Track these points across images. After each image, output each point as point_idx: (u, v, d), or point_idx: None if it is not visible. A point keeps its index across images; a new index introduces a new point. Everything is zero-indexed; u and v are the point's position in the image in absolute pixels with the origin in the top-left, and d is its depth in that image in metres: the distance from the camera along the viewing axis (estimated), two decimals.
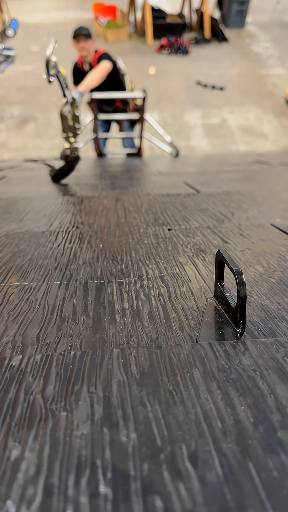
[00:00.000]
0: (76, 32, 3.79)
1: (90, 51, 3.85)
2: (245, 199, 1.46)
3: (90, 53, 3.87)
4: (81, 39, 3.76)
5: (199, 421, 0.36)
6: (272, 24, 10.39)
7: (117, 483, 0.30)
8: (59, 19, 10.41)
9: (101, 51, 3.93)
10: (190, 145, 6.04)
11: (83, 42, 3.78)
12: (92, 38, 3.81)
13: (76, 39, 3.80)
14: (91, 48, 3.85)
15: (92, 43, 3.82)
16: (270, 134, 6.39)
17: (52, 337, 0.55)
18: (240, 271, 0.52)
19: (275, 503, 0.28)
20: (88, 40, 3.79)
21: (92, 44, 3.84)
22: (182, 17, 10.07)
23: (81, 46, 3.79)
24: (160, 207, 1.34)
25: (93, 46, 3.86)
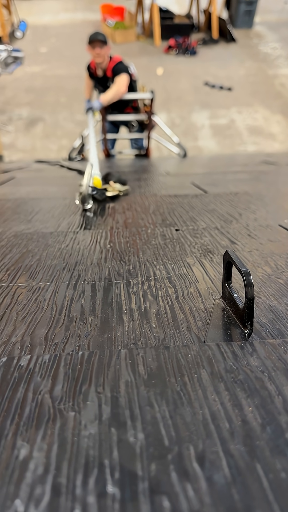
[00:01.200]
0: (92, 38, 3.71)
1: (105, 57, 3.79)
2: (253, 199, 1.45)
3: (105, 60, 3.81)
4: (96, 45, 3.69)
5: (207, 422, 0.36)
6: (280, 24, 10.34)
7: (125, 483, 0.30)
8: (67, 20, 10.46)
9: (116, 59, 3.87)
10: (197, 145, 6.03)
11: (99, 49, 3.70)
12: (107, 45, 3.76)
13: (91, 45, 3.73)
14: (106, 54, 3.79)
15: (107, 50, 3.77)
16: (278, 135, 6.36)
17: (60, 337, 0.55)
18: (248, 272, 0.52)
19: (283, 504, 0.28)
20: (104, 47, 3.72)
21: (108, 50, 3.78)
22: (190, 17, 10.06)
23: (97, 52, 3.73)
24: (167, 207, 1.34)
25: (108, 53, 3.81)
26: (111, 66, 3.84)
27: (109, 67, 3.85)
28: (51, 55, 8.62)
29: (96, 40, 3.67)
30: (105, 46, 3.71)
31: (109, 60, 3.85)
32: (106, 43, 3.71)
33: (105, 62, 3.83)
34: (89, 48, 3.76)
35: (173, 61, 8.50)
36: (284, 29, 10.04)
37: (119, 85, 3.73)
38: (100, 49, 3.69)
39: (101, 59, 3.77)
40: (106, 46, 3.72)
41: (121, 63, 3.87)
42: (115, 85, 3.74)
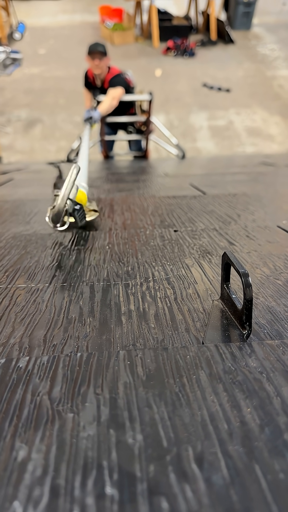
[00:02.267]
0: (92, 49, 3.68)
1: (103, 69, 3.78)
2: (252, 201, 1.45)
3: (103, 71, 3.80)
4: (96, 57, 3.66)
5: (205, 423, 0.36)
6: (279, 25, 10.37)
7: (123, 484, 0.30)
8: (65, 22, 10.47)
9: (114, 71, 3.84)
10: (196, 147, 6.04)
11: (98, 60, 3.67)
12: (107, 56, 3.74)
13: (91, 56, 3.70)
14: (105, 66, 3.78)
15: (106, 61, 3.74)
16: (276, 136, 6.37)
17: (59, 339, 0.55)
18: (246, 273, 0.52)
19: (281, 505, 0.28)
20: (103, 58, 3.68)
21: (107, 61, 3.75)
22: (188, 19, 10.08)
23: (96, 64, 3.70)
24: (166, 209, 1.34)
25: (107, 64, 3.79)
26: (109, 78, 3.82)
27: (107, 79, 3.84)
28: (50, 56, 8.63)
29: (96, 52, 3.65)
30: (104, 57, 3.69)
31: (107, 72, 3.84)
32: (105, 55, 3.69)
33: (104, 74, 3.82)
34: (88, 59, 3.74)
35: (172, 62, 8.51)
36: (282, 30, 10.06)
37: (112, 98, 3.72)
38: (99, 61, 3.67)
39: (100, 71, 3.75)
40: (105, 57, 3.70)
41: (119, 75, 3.85)
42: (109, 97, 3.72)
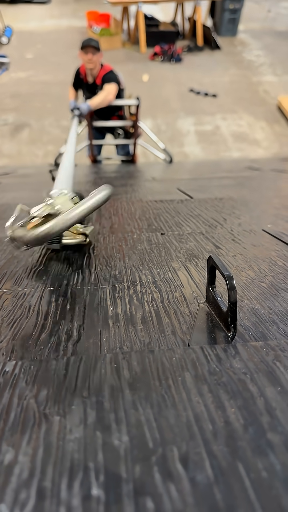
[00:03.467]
0: (85, 44, 3.69)
1: (96, 64, 3.79)
2: (238, 205, 1.47)
3: (96, 66, 3.81)
4: (89, 51, 3.68)
5: (191, 424, 0.36)
6: (264, 32, 10.51)
7: (109, 485, 0.30)
8: (53, 26, 10.47)
9: (107, 68, 3.87)
10: (183, 151, 6.08)
11: (91, 55, 3.69)
12: (100, 52, 3.76)
13: (84, 50, 3.72)
14: (98, 61, 3.79)
15: (100, 57, 3.76)
16: (262, 141, 6.44)
17: (46, 343, 0.55)
18: (231, 276, 0.52)
19: (264, 503, 0.29)
20: (97, 53, 3.70)
21: (100, 57, 3.77)
22: (175, 25, 10.16)
23: (89, 58, 3.72)
24: (153, 213, 1.35)
25: (100, 60, 3.80)
26: (102, 74, 3.84)
27: (100, 75, 3.85)
28: (37, 61, 8.61)
29: (89, 46, 3.67)
30: (97, 52, 3.71)
31: (100, 68, 3.85)
32: (99, 50, 3.71)
33: (96, 69, 3.83)
34: (81, 54, 3.75)
35: (159, 67, 8.57)
36: (267, 37, 10.20)
37: (108, 92, 3.74)
38: (92, 55, 3.69)
39: (93, 65, 3.77)
40: (98, 52, 3.72)
41: (112, 72, 3.88)
42: (104, 92, 3.75)
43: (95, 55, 3.70)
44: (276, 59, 9.00)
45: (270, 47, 9.61)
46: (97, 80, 3.88)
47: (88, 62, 3.74)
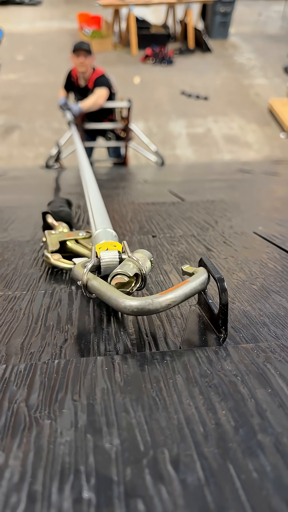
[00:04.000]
0: (77, 47, 3.69)
1: (88, 67, 3.78)
2: (229, 207, 1.48)
3: (88, 70, 3.80)
4: (81, 54, 3.67)
5: (182, 426, 0.37)
6: (254, 35, 10.59)
7: (100, 488, 0.30)
8: (44, 28, 10.46)
9: (99, 72, 3.87)
10: (175, 154, 6.10)
11: (83, 58, 3.68)
12: (92, 55, 3.75)
13: (75, 54, 3.70)
14: (90, 64, 3.78)
15: (91, 60, 3.75)
16: (253, 144, 6.48)
17: (36, 346, 0.55)
18: (222, 278, 0.53)
19: (254, 503, 0.29)
20: (88, 56, 3.69)
21: (92, 60, 3.76)
22: (166, 27, 10.20)
23: (81, 61, 3.70)
24: (145, 215, 1.35)
25: (92, 63, 3.79)
26: (94, 77, 3.83)
27: (92, 78, 3.84)
28: (28, 63, 8.60)
29: (81, 49, 3.66)
30: (89, 56, 3.70)
31: (92, 71, 3.85)
32: (90, 53, 3.71)
33: (88, 73, 3.82)
34: (73, 57, 3.74)
35: (150, 70, 8.59)
36: (258, 40, 10.28)
37: (98, 96, 3.75)
38: (84, 58, 3.68)
39: (85, 69, 3.76)
40: (90, 56, 3.71)
41: (104, 76, 3.88)
42: (95, 95, 3.75)
43: (87, 59, 3.70)
44: (267, 62, 9.07)
45: (261, 50, 9.69)
46: (89, 84, 3.88)
47: (80, 66, 3.74)
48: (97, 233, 0.76)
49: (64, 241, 0.84)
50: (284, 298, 0.69)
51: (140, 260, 0.61)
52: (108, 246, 0.67)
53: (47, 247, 0.82)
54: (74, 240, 0.85)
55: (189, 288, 0.53)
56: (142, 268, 0.60)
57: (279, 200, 1.78)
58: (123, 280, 0.59)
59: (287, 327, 0.59)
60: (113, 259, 0.63)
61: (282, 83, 7.90)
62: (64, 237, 0.85)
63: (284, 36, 10.46)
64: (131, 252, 0.64)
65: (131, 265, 0.61)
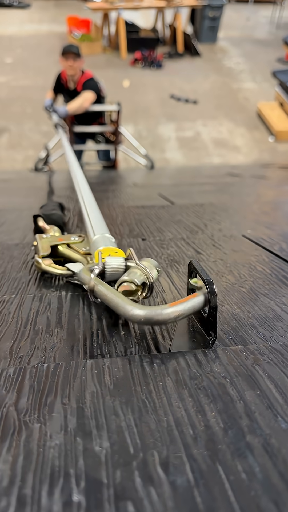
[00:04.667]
0: (66, 50, 3.69)
1: (77, 70, 3.79)
2: (218, 210, 1.49)
3: (77, 73, 3.81)
4: (70, 57, 3.67)
5: (171, 428, 0.37)
6: (243, 40, 10.68)
7: (90, 491, 0.30)
8: (33, 31, 10.44)
9: (88, 75, 3.88)
10: (165, 157, 6.11)
11: (72, 61, 3.69)
12: (81, 58, 3.76)
13: (64, 56, 3.71)
14: (79, 67, 3.79)
15: (80, 63, 3.76)
16: (242, 147, 6.53)
17: (26, 350, 0.55)
18: (211, 281, 0.53)
19: (243, 504, 0.29)
20: (77, 59, 3.70)
21: (81, 63, 3.77)
22: (155, 31, 10.25)
23: (69, 64, 3.71)
24: (135, 218, 1.36)
25: (81, 66, 3.80)
26: (83, 80, 3.85)
27: (80, 81, 3.85)
28: (17, 65, 8.57)
29: (70, 52, 3.67)
30: (78, 59, 3.71)
31: (81, 74, 3.86)
32: (79, 56, 3.72)
33: (77, 76, 3.83)
34: (62, 60, 3.75)
35: (139, 73, 8.62)
36: (246, 44, 10.37)
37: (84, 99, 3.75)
38: (73, 61, 3.69)
39: (74, 72, 3.77)
40: (79, 59, 3.72)
41: (92, 79, 3.89)
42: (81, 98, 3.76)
43: (76, 61, 3.71)
44: (256, 66, 9.16)
45: (249, 54, 9.77)
46: (77, 87, 3.88)
47: (69, 69, 3.75)
48: (96, 238, 0.75)
49: (56, 246, 0.83)
50: (272, 301, 0.69)
51: (148, 268, 0.60)
52: (111, 252, 0.66)
53: (38, 252, 0.81)
54: (66, 245, 0.84)
55: (198, 302, 0.53)
56: (149, 276, 0.59)
57: (268, 204, 1.80)
58: (130, 288, 0.59)
59: (275, 329, 0.59)
60: (120, 266, 0.62)
61: (271, 87, 7.97)
62: (56, 241, 0.84)
63: (272, 40, 10.57)
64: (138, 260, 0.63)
65: (139, 273, 0.60)
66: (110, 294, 0.54)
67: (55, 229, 0.92)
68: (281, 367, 0.46)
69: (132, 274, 0.60)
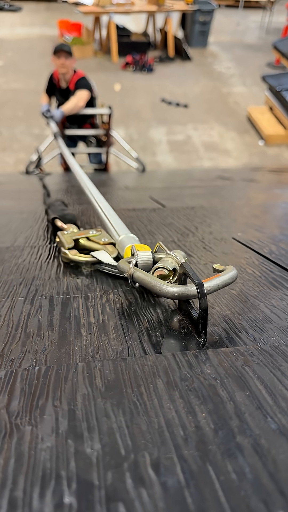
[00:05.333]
0: (58, 48, 3.75)
1: (69, 69, 3.84)
2: (209, 213, 1.50)
3: (69, 71, 3.86)
4: (61, 56, 3.74)
5: (162, 430, 0.37)
6: (233, 44, 10.77)
7: (82, 493, 0.31)
8: (24, 35, 10.43)
9: (80, 74, 3.93)
10: (156, 160, 6.13)
11: (64, 59, 3.75)
12: (73, 57, 3.81)
13: (56, 55, 3.77)
14: (71, 66, 3.84)
15: (72, 62, 3.81)
16: (232, 151, 6.57)
17: (17, 353, 0.55)
18: (201, 284, 0.54)
19: (233, 504, 0.30)
20: (69, 58, 3.77)
21: (72, 62, 3.83)
22: (146, 35, 10.30)
23: (61, 62, 3.76)
24: (126, 221, 1.36)
25: (73, 65, 3.85)
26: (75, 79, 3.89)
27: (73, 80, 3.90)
28: (8, 68, 8.55)
29: (62, 51, 3.73)
30: (70, 57, 3.77)
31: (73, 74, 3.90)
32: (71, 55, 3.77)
33: (69, 74, 3.88)
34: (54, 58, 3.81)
35: (131, 77, 8.65)
36: (236, 49, 10.46)
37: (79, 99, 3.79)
38: (65, 60, 3.75)
39: (65, 70, 3.82)
40: (71, 57, 3.78)
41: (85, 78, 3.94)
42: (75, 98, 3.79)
43: (68, 60, 3.76)
44: (246, 70, 9.24)
45: (239, 59, 9.86)
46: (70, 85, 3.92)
47: (60, 67, 3.80)
48: (122, 238, 0.87)
49: (77, 239, 0.92)
50: (262, 303, 0.70)
51: (178, 257, 0.71)
52: (139, 248, 0.75)
53: (63, 245, 0.89)
54: (86, 238, 0.93)
55: (221, 281, 0.61)
56: (179, 263, 0.69)
57: (258, 207, 1.81)
58: (163, 272, 0.69)
59: (265, 331, 0.60)
60: (149, 258, 0.73)
61: (261, 91, 8.05)
62: (77, 236, 0.92)
63: (262, 45, 10.68)
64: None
65: (170, 260, 0.71)
66: (147, 277, 0.64)
67: (72, 226, 1.00)
68: (271, 368, 0.47)
69: (165, 262, 0.70)
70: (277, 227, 1.33)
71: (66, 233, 0.94)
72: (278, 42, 7.60)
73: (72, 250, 0.88)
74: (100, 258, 0.84)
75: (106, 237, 0.92)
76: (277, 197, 2.13)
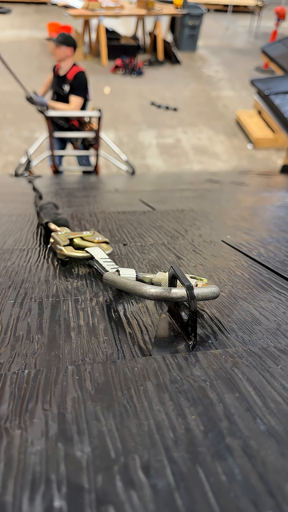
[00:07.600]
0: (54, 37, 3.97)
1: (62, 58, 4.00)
2: (198, 216, 1.50)
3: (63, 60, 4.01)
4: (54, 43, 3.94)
5: (152, 432, 0.37)
6: (222, 48, 10.85)
7: (72, 496, 0.30)
8: (14, 37, 10.40)
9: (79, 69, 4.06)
10: (145, 163, 6.15)
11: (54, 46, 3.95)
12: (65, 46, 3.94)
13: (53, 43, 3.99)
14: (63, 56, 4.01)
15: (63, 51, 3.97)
16: (221, 154, 6.61)
17: (6, 357, 0.54)
18: (191, 286, 0.54)
19: (223, 505, 0.30)
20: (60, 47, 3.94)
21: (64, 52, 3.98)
22: (136, 39, 10.33)
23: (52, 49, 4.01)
24: (116, 224, 1.36)
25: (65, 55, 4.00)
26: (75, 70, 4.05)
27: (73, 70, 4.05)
28: None
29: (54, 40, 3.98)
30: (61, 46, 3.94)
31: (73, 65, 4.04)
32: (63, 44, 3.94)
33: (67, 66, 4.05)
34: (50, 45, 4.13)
35: (120, 80, 8.66)
36: (225, 53, 10.54)
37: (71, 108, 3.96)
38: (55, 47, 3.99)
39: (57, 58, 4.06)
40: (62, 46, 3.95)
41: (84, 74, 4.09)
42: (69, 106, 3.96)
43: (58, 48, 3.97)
44: (234, 74, 9.31)
45: (228, 63, 9.94)
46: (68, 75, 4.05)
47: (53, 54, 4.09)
48: None
49: (71, 239, 0.94)
50: (251, 305, 0.71)
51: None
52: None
53: (59, 243, 0.90)
54: (80, 238, 0.95)
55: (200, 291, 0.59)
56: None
57: (246, 210, 1.82)
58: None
59: (254, 333, 0.60)
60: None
61: (249, 95, 8.11)
62: (71, 235, 0.95)
63: (251, 49, 10.77)
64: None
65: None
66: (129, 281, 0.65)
67: (65, 229, 1.02)
68: (260, 370, 0.47)
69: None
70: (266, 230, 1.34)
71: (60, 233, 0.97)
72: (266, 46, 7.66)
73: (68, 247, 0.90)
74: (94, 255, 0.86)
75: (99, 237, 0.96)
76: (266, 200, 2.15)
